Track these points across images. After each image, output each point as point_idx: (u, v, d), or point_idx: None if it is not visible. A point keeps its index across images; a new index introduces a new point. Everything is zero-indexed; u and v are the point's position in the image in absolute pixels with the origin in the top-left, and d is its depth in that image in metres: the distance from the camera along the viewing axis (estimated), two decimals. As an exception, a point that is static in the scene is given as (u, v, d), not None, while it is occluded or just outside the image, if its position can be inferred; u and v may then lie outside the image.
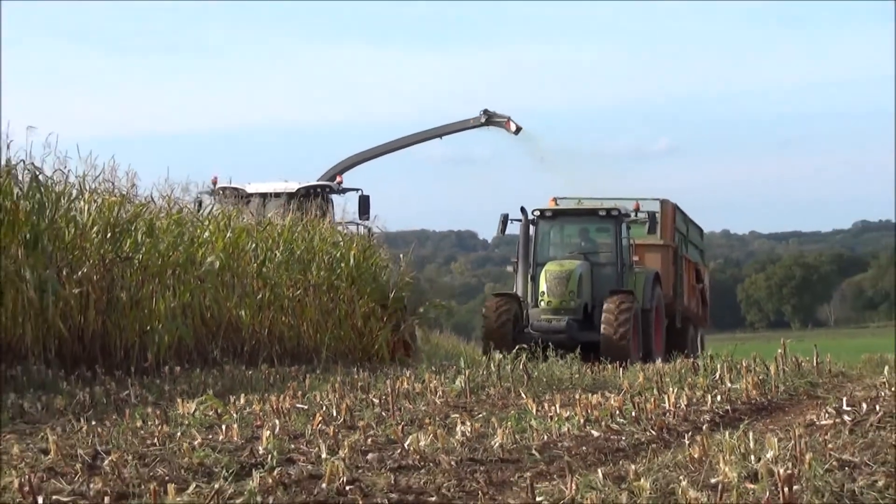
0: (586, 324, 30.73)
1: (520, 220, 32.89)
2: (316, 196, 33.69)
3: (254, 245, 28.32)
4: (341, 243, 31.72)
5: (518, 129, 39.95)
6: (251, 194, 32.83)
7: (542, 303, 31.32)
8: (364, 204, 34.03)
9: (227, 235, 27.33)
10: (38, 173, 22.15)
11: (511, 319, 31.14)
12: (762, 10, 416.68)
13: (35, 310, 21.08)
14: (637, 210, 33.63)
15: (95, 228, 23.28)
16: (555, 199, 34.94)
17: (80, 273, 22.41)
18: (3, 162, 21.39)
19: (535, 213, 32.92)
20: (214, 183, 32.22)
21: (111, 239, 23.48)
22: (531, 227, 32.88)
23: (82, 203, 23.46)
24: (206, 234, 26.76)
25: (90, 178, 24.16)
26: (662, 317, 33.55)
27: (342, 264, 31.11)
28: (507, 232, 33.96)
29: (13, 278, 20.76)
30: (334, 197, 35.10)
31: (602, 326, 29.79)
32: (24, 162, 21.90)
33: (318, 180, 35.38)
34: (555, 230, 33.32)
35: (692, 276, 37.86)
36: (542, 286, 31.34)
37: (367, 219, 33.92)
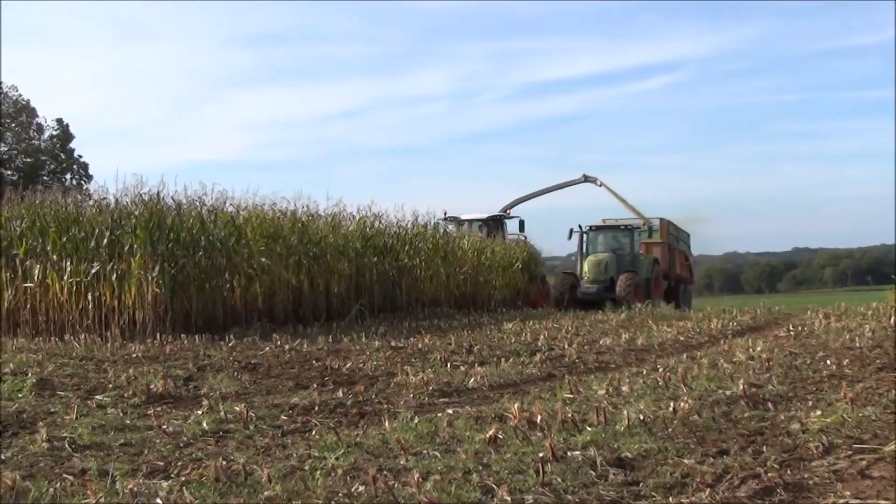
0: (610, 289, 25.99)
1: (579, 231, 28.27)
2: (497, 221, 29.40)
3: (490, 252, 24.66)
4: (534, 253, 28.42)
5: (601, 184, 33.64)
6: (464, 220, 28.37)
7: (585, 278, 26.78)
8: (521, 225, 29.36)
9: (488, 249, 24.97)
10: (444, 228, 22.98)
11: (569, 288, 26.62)
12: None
13: (444, 284, 21.31)
14: (645, 224, 29.35)
15: (470, 252, 23.23)
16: (603, 220, 29.69)
17: (464, 269, 22.52)
18: (433, 227, 22.32)
19: (587, 227, 28.53)
20: (445, 213, 27.75)
21: (476, 255, 23.47)
22: (584, 236, 28.23)
23: (464, 241, 23.53)
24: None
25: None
26: (661, 280, 28.34)
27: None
28: (572, 238, 28.24)
29: (437, 271, 21.09)
30: (506, 221, 29.85)
31: (616, 290, 25.56)
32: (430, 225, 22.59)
33: (498, 212, 30.40)
34: (598, 237, 28.36)
35: (682, 258, 31.85)
36: (585, 269, 26.92)
37: (523, 232, 28.98)
